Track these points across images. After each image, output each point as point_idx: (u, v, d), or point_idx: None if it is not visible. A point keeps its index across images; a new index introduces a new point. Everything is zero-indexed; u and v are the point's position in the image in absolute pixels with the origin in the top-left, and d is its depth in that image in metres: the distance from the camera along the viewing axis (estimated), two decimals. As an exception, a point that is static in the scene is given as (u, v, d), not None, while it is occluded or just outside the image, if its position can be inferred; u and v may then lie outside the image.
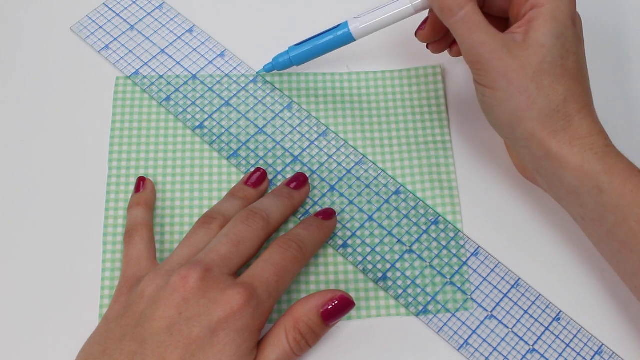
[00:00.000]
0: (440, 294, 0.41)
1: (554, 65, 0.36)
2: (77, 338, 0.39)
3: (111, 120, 0.45)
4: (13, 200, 0.43)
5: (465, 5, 0.37)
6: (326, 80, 0.47)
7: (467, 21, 0.37)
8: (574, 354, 0.39)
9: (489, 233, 0.42)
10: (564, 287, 0.41)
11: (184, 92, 0.46)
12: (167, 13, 0.49)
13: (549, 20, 0.36)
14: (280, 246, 0.37)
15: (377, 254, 0.41)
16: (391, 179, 0.44)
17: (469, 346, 0.39)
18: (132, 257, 0.39)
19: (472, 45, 0.37)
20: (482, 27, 0.37)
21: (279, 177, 0.44)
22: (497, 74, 0.37)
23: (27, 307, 0.40)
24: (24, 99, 0.46)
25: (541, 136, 0.36)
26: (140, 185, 0.42)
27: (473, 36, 0.37)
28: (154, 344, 0.33)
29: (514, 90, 0.36)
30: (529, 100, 0.36)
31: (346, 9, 0.50)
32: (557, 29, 0.36)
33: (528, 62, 0.36)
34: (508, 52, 0.36)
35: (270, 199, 0.41)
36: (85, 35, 0.48)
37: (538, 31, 0.36)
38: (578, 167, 0.36)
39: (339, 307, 0.36)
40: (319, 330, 0.36)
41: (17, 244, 0.42)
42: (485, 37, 0.37)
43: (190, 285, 0.34)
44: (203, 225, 0.39)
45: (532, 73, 0.36)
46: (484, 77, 0.37)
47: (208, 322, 0.34)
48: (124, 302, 0.36)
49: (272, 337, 0.35)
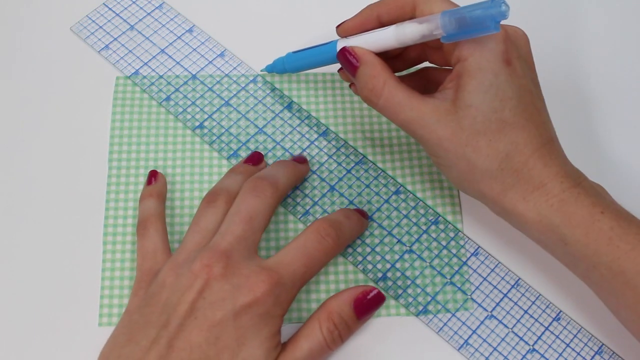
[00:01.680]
0: (440, 294, 0.41)
1: (487, 123, 0.35)
2: (77, 338, 0.39)
3: (111, 120, 0.45)
4: (13, 200, 0.43)
5: (382, 93, 0.37)
6: (326, 80, 0.47)
7: (388, 106, 0.37)
8: (574, 354, 0.39)
9: (489, 233, 0.42)
10: (564, 287, 0.41)
11: (184, 92, 0.46)
12: (167, 13, 0.49)
13: (474, 74, 0.35)
14: (319, 232, 0.37)
15: (377, 254, 0.42)
16: (391, 179, 0.44)
17: (469, 346, 0.39)
18: (148, 250, 0.39)
19: (402, 124, 0.37)
20: (405, 106, 0.36)
21: (279, 177, 0.44)
22: (432, 145, 0.36)
23: (27, 307, 0.40)
24: (24, 99, 0.46)
25: (492, 196, 0.36)
26: (152, 178, 0.42)
27: (399, 117, 0.37)
28: (178, 327, 0.33)
29: (452, 158, 0.36)
30: (469, 166, 0.36)
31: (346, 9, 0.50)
32: (484, 83, 0.35)
33: (460, 127, 0.35)
34: (438, 123, 0.35)
35: (274, 167, 0.41)
36: (85, 35, 0.48)
37: (464, 90, 0.35)
38: (537, 222, 0.35)
39: (372, 300, 0.36)
40: (352, 323, 0.36)
41: (16, 243, 0.42)
42: (411, 114, 0.36)
43: (214, 273, 0.34)
44: (209, 204, 0.39)
45: (465, 138, 0.35)
46: (424, 147, 0.37)
47: (232, 307, 0.34)
48: (143, 295, 0.36)
49: (306, 329, 0.36)
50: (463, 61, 0.35)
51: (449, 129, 0.35)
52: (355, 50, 0.38)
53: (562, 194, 0.35)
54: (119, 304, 0.40)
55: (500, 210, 0.36)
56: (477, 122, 0.35)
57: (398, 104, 0.36)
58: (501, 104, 0.35)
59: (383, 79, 0.37)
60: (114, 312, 0.40)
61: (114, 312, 0.40)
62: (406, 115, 0.36)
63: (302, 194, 0.43)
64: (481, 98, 0.35)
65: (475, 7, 0.34)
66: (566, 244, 0.35)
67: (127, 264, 0.41)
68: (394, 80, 0.37)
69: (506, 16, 0.33)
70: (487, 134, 0.35)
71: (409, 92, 0.37)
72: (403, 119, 0.36)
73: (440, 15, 0.35)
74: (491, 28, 0.33)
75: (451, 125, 0.35)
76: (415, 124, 0.36)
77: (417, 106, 0.36)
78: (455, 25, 0.34)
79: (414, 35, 0.36)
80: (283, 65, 0.45)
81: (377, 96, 0.37)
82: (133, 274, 0.41)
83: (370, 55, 0.38)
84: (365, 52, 0.38)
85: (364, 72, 0.37)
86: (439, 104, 0.36)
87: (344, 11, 0.48)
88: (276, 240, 0.42)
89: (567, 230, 0.34)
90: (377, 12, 0.38)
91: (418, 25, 0.36)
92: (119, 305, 0.40)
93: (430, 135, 0.36)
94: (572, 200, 0.35)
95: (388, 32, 0.37)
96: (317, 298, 0.40)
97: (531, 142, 0.35)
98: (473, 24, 0.33)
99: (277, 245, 0.42)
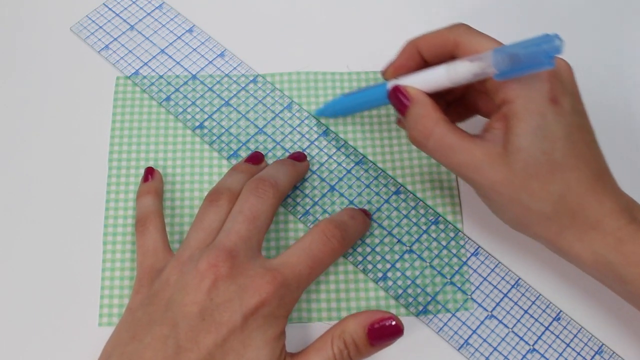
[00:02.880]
0: (441, 294, 0.41)
1: (539, 166, 0.34)
2: (77, 338, 0.39)
3: (111, 120, 0.45)
4: (13, 200, 0.43)
5: (432, 134, 0.36)
6: (326, 80, 0.47)
7: (438, 148, 0.36)
8: (574, 354, 0.39)
9: (489, 233, 0.42)
10: (564, 287, 0.41)
11: (184, 92, 0.46)
12: (167, 13, 0.49)
13: (521, 117, 0.34)
14: (324, 233, 0.37)
15: (377, 254, 0.42)
16: (391, 179, 0.44)
17: (469, 346, 0.39)
18: (148, 248, 0.39)
19: (453, 168, 0.36)
20: (457, 148, 0.35)
21: (279, 177, 0.44)
22: (485, 189, 0.36)
23: (27, 307, 0.40)
24: (24, 99, 0.46)
25: (548, 237, 0.36)
26: (148, 175, 0.42)
27: (450, 161, 0.36)
28: (186, 327, 0.33)
29: (506, 202, 0.35)
30: (523, 210, 0.35)
31: (346, 9, 0.50)
32: (532, 125, 0.34)
33: (512, 171, 0.34)
34: (491, 166, 0.35)
35: (274, 167, 0.41)
36: (85, 36, 0.48)
37: (513, 133, 0.34)
38: (594, 261, 0.34)
39: (386, 329, 0.35)
40: (362, 347, 0.35)
41: (16, 243, 0.42)
42: (462, 157, 0.35)
43: (221, 273, 0.34)
44: (212, 203, 0.39)
45: (519, 183, 0.34)
46: (476, 190, 0.37)
47: (239, 308, 0.34)
48: (146, 292, 0.36)
49: (319, 342, 0.35)
50: (509, 103, 0.34)
51: (501, 173, 0.35)
52: (406, 89, 0.37)
53: (619, 231, 0.34)
54: (119, 303, 0.40)
55: (557, 250, 0.36)
56: (528, 166, 0.34)
57: (449, 146, 0.35)
58: (551, 145, 0.34)
59: (434, 120, 0.36)
60: (114, 312, 0.40)
61: (114, 312, 0.40)
62: (458, 158, 0.35)
63: (302, 194, 0.43)
64: (530, 141, 0.34)
65: (528, 43, 0.33)
66: (625, 283, 0.34)
67: (127, 264, 0.41)
68: (445, 122, 0.36)
69: (560, 51, 0.32)
70: (540, 177, 0.34)
71: (460, 133, 0.36)
72: (454, 162, 0.36)
73: (493, 52, 0.34)
74: (546, 64, 0.32)
75: (503, 169, 0.34)
76: (467, 167, 0.35)
77: (469, 149, 0.35)
78: (508, 63, 0.33)
79: (466, 74, 0.35)
80: (334, 109, 0.44)
81: (427, 137, 0.36)
82: (133, 273, 0.41)
83: (421, 95, 0.37)
84: (417, 92, 0.37)
85: (414, 112, 0.37)
86: (489, 146, 0.35)
87: (344, 11, 0.48)
88: (276, 240, 0.42)
89: (625, 269, 0.34)
90: (417, 48, 0.38)
91: (470, 64, 0.35)
92: (119, 305, 0.40)
93: (483, 179, 0.35)
94: (629, 238, 0.34)
95: (439, 72, 0.36)
96: (317, 298, 0.40)
97: (583, 180, 0.34)
98: (527, 60, 0.33)
99: (277, 244, 0.42)
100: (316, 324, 0.40)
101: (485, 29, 0.37)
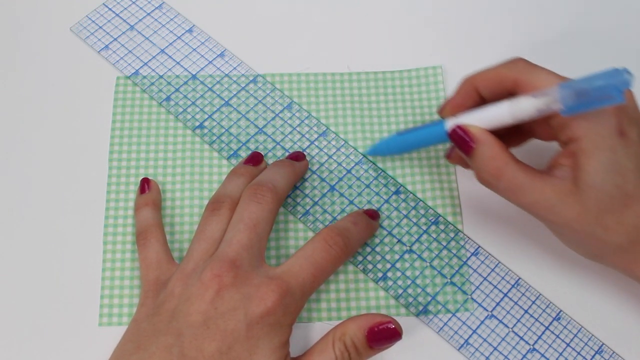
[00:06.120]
0: (441, 294, 0.41)
1: (612, 200, 0.34)
2: (77, 338, 0.39)
3: (111, 120, 0.45)
4: (13, 200, 0.43)
5: (503, 175, 0.35)
6: (326, 80, 0.47)
7: (510, 189, 0.35)
8: (574, 354, 0.39)
9: (489, 233, 0.42)
10: (564, 286, 0.41)
11: (184, 92, 0.46)
12: (166, 13, 0.49)
13: (591, 154, 0.33)
14: (326, 241, 0.37)
15: (377, 254, 0.42)
16: (391, 179, 0.44)
17: (470, 346, 0.39)
18: (152, 261, 0.39)
19: (524, 207, 0.36)
20: (528, 188, 0.35)
21: (279, 177, 0.44)
22: (559, 226, 0.35)
23: (27, 308, 0.40)
24: (24, 99, 0.46)
25: (624, 266, 0.36)
26: (145, 186, 0.42)
27: (522, 201, 0.35)
28: (190, 336, 0.33)
29: (580, 237, 0.35)
30: (598, 243, 0.35)
31: (346, 9, 0.50)
32: (603, 161, 0.33)
33: (585, 208, 0.34)
34: (563, 204, 0.34)
35: (272, 169, 0.41)
36: (85, 36, 0.48)
37: (584, 171, 0.34)
38: None
39: (384, 332, 0.35)
40: (362, 349, 0.35)
41: (16, 243, 0.41)
42: (534, 197, 0.35)
43: (224, 283, 0.34)
44: (213, 212, 0.39)
45: (593, 219, 0.34)
46: (549, 227, 0.36)
47: (244, 317, 0.34)
48: (151, 304, 0.36)
49: (321, 344, 0.36)
50: (577, 140, 0.34)
51: (574, 210, 0.34)
52: (469, 129, 0.36)
53: None
54: (119, 304, 0.40)
55: (634, 277, 0.36)
56: (601, 202, 0.34)
57: (520, 186, 0.35)
58: (623, 179, 0.34)
59: (504, 161, 0.35)
60: (114, 312, 0.40)
61: (114, 312, 0.40)
62: (529, 198, 0.35)
63: (302, 194, 0.43)
64: (602, 177, 0.33)
65: (596, 78, 0.32)
66: None
67: (127, 264, 0.41)
68: (514, 162, 0.35)
69: (630, 85, 0.31)
70: (614, 211, 0.34)
71: (530, 172, 0.35)
72: (526, 202, 0.35)
73: (559, 87, 0.33)
74: (616, 99, 0.31)
75: (576, 206, 0.34)
76: (539, 206, 0.35)
77: (540, 188, 0.35)
78: (574, 98, 0.32)
79: (531, 110, 0.34)
80: (388, 148, 0.43)
81: (498, 179, 0.35)
82: (133, 274, 0.41)
83: (486, 135, 0.36)
84: (481, 131, 0.36)
85: (482, 153, 0.36)
86: (560, 184, 0.34)
87: (344, 11, 0.48)
88: (276, 239, 0.42)
89: None
90: (474, 86, 0.37)
91: (534, 100, 0.34)
92: (119, 305, 0.40)
93: (556, 218, 0.35)
94: None
95: (502, 109, 0.35)
96: (317, 298, 0.40)
97: None
98: (595, 95, 0.32)
99: (277, 245, 0.42)
100: (316, 324, 0.40)
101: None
